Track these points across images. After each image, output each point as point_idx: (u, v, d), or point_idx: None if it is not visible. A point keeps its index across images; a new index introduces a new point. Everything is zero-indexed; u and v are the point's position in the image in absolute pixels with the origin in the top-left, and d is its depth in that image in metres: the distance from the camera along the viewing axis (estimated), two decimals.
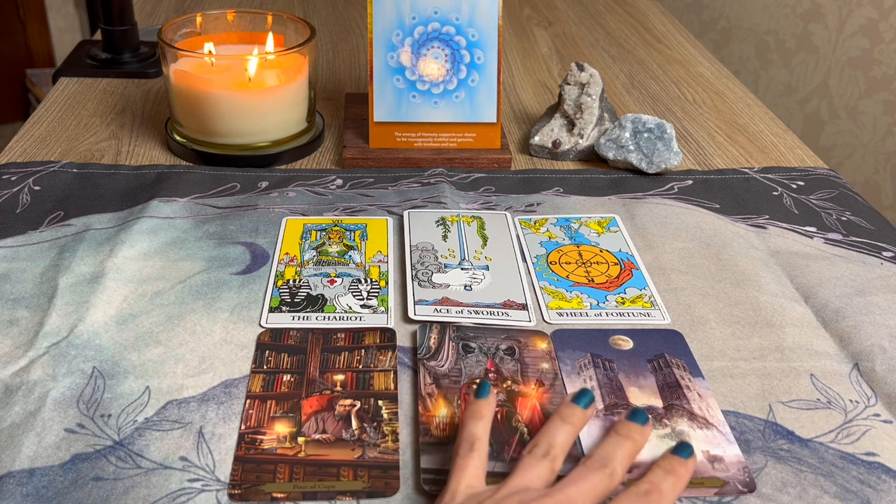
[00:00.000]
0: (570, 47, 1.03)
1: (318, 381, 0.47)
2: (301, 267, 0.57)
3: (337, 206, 0.65)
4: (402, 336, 0.51)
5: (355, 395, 0.46)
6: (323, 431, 0.44)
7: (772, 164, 0.76)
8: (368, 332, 0.51)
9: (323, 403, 0.46)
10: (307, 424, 0.44)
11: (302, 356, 0.49)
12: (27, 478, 0.40)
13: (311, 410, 0.45)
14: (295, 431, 0.44)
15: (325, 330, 0.51)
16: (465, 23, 0.70)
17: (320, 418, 0.45)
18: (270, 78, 0.70)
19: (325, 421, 0.44)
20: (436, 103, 0.71)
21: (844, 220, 0.66)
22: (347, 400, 0.46)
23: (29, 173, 0.67)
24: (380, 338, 0.51)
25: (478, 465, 0.40)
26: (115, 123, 0.77)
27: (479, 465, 0.40)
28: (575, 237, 0.62)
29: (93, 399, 0.45)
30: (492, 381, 0.47)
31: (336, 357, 0.49)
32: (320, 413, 0.45)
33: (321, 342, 0.50)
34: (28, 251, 0.57)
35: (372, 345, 0.50)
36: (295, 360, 0.48)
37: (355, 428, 0.44)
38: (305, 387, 0.47)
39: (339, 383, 0.47)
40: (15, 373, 0.47)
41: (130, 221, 0.61)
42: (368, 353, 0.49)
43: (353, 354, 0.49)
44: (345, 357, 0.49)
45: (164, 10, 1.10)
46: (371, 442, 0.43)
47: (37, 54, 2.24)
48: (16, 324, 0.50)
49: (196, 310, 0.52)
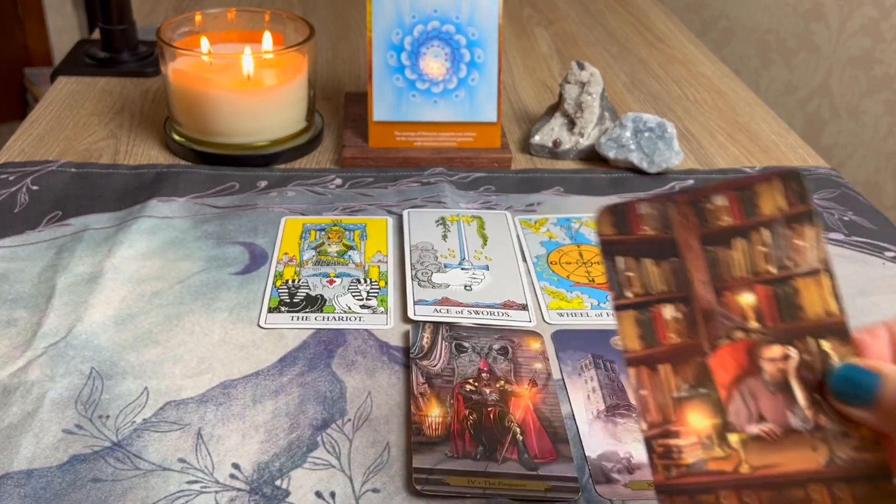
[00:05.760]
0: (571, 46, 1.03)
1: (717, 310, 0.30)
2: (300, 267, 0.57)
3: (336, 206, 0.64)
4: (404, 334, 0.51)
5: (781, 333, 0.29)
6: (760, 418, 0.29)
7: (773, 164, 0.75)
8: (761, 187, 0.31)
9: (741, 360, 0.30)
10: (732, 407, 0.29)
11: (675, 261, 0.31)
12: (25, 479, 0.40)
13: (729, 377, 0.29)
14: (720, 424, 0.29)
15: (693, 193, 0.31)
16: (465, 21, 0.69)
17: (747, 391, 0.29)
18: (269, 77, 0.70)
19: (756, 395, 0.29)
20: (436, 102, 0.71)
21: (846, 220, 0.66)
22: (776, 349, 0.29)
23: (27, 173, 0.67)
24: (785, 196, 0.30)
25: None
26: (113, 123, 0.77)
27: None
28: (575, 237, 0.62)
29: (91, 400, 0.45)
30: (485, 381, 0.47)
31: (728, 253, 0.30)
32: (743, 380, 0.29)
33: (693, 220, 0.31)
34: (26, 251, 0.57)
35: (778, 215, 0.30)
36: (668, 271, 0.31)
37: (804, 405, 0.29)
38: (702, 326, 0.30)
39: (750, 311, 0.30)
40: (13, 373, 0.46)
41: (129, 221, 0.60)
42: (776, 234, 0.30)
43: (752, 239, 0.30)
44: (742, 250, 0.30)
45: (163, 8, 1.09)
46: (834, 430, 0.28)
47: (35, 53, 2.24)
48: (14, 324, 0.50)
49: (195, 310, 0.52)
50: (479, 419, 0.45)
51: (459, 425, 0.44)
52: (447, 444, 0.43)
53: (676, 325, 0.30)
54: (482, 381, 0.47)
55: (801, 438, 0.29)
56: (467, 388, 0.47)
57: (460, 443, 0.43)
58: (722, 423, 0.29)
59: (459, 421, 0.45)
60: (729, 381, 0.30)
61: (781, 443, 0.29)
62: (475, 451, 0.43)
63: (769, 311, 0.30)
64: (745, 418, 0.29)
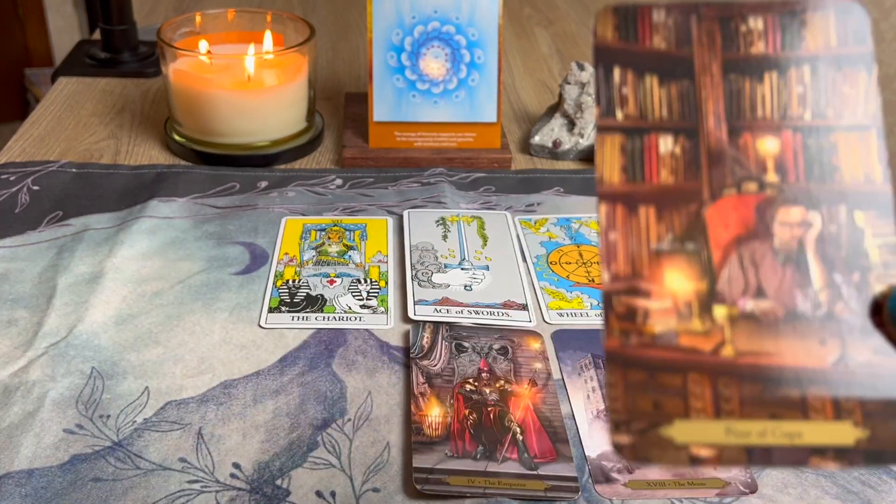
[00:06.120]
0: (571, 46, 1.03)
1: (727, 152, 0.25)
2: (300, 267, 0.57)
3: (336, 206, 0.65)
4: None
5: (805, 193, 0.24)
6: (759, 292, 0.23)
7: None
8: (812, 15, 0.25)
9: (747, 217, 0.24)
10: (726, 273, 0.23)
11: (686, 83, 0.25)
12: (26, 478, 0.40)
13: (729, 236, 0.24)
14: (706, 291, 0.23)
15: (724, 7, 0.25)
16: (465, 22, 0.69)
17: (747, 257, 0.24)
18: (270, 77, 0.70)
19: (759, 263, 0.23)
20: (436, 103, 0.71)
21: None
22: (795, 211, 0.24)
23: (28, 173, 0.67)
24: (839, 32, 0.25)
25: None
26: (114, 123, 0.77)
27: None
28: (575, 237, 0.62)
29: (92, 399, 0.45)
30: (484, 381, 0.47)
31: (755, 87, 0.25)
32: (745, 242, 0.24)
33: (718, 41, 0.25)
34: (27, 251, 0.57)
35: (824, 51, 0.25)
36: (675, 95, 0.25)
37: (819, 286, 0.23)
38: (706, 169, 0.24)
39: (771, 161, 0.24)
40: (14, 373, 0.46)
41: (129, 221, 0.60)
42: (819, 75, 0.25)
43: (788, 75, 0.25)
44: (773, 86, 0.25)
45: (164, 9, 1.09)
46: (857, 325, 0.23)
47: (35, 54, 2.24)
48: (14, 324, 0.50)
49: (195, 310, 0.52)
50: (479, 419, 0.45)
51: (459, 425, 0.44)
52: (447, 443, 0.43)
53: (673, 162, 0.24)
54: (482, 380, 0.47)
55: (808, 327, 0.23)
56: (467, 388, 0.47)
57: (460, 442, 0.43)
58: (708, 291, 0.23)
59: (459, 421, 0.45)
60: (727, 240, 0.24)
61: (781, 327, 0.23)
62: (475, 451, 0.43)
63: (794, 165, 0.24)
64: (740, 289, 0.23)
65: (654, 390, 0.22)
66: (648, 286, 0.23)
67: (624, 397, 0.22)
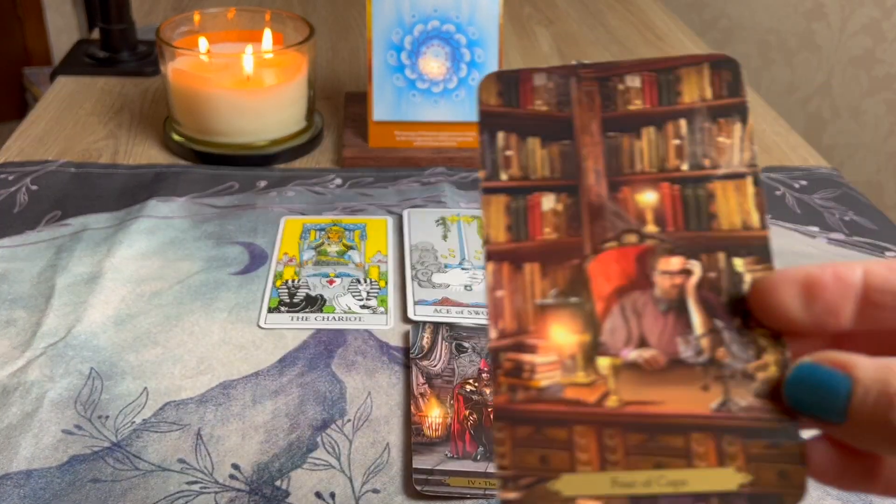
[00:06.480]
0: (572, 46, 1.03)
1: (608, 207, 0.25)
2: (300, 267, 0.57)
3: (336, 206, 0.64)
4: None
5: (684, 242, 0.24)
6: (642, 341, 0.23)
7: (774, 164, 0.75)
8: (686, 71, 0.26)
9: (628, 268, 0.24)
10: (609, 324, 0.24)
11: (567, 143, 0.26)
12: (24, 479, 0.40)
13: (610, 288, 0.24)
14: (590, 343, 0.23)
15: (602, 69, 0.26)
16: (465, 21, 0.69)
17: (629, 307, 0.24)
18: (269, 77, 0.70)
19: (641, 312, 0.23)
20: (436, 102, 0.71)
21: (847, 220, 0.66)
22: (675, 260, 0.24)
23: (26, 173, 0.66)
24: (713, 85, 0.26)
25: None
26: (112, 122, 0.77)
27: None
28: None
29: (90, 400, 0.45)
30: (485, 381, 0.47)
31: (633, 143, 0.25)
32: (627, 294, 0.24)
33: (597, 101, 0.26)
34: (25, 251, 0.57)
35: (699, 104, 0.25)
36: (556, 154, 0.26)
37: (700, 332, 0.23)
38: (587, 224, 0.25)
39: (650, 213, 0.24)
40: (12, 374, 0.46)
41: (128, 221, 0.60)
42: (695, 127, 0.25)
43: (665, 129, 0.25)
44: (650, 141, 0.25)
45: (163, 8, 1.09)
46: (738, 369, 0.23)
47: (34, 53, 2.24)
48: (13, 324, 0.50)
49: (194, 310, 0.52)
50: (479, 420, 0.45)
51: (460, 426, 0.44)
52: (447, 444, 0.43)
53: (555, 219, 0.25)
54: (482, 381, 0.47)
55: (691, 373, 0.23)
56: (467, 389, 0.47)
57: (460, 443, 0.43)
58: (592, 343, 0.23)
59: (459, 421, 0.45)
60: (609, 292, 0.24)
61: (664, 376, 0.23)
62: (475, 452, 0.43)
63: (673, 215, 0.24)
64: (623, 340, 0.23)
65: (541, 444, 0.23)
66: (534, 341, 0.23)
67: (511, 453, 0.23)
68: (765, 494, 0.22)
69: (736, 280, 0.23)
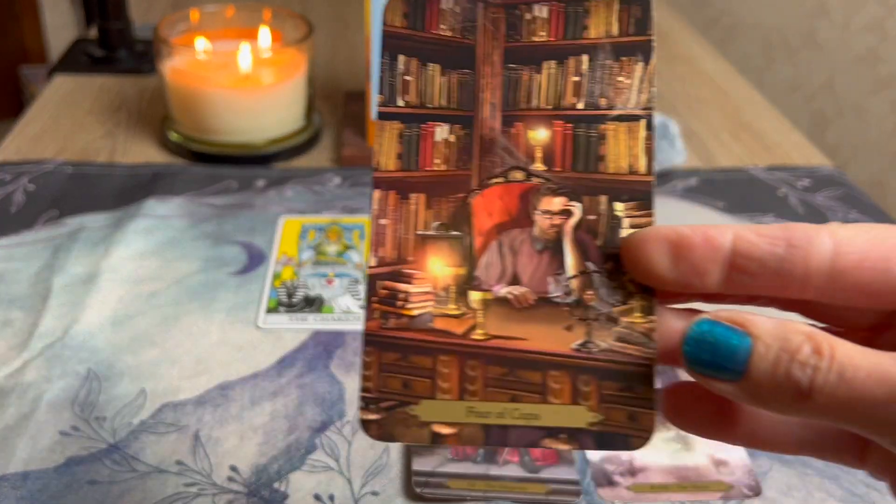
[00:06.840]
0: None
1: (499, 141, 0.25)
2: (299, 267, 0.57)
3: (335, 205, 0.64)
4: None
5: (572, 183, 0.24)
6: (514, 280, 0.24)
7: (777, 163, 0.75)
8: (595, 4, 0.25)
9: (511, 205, 0.24)
10: (485, 259, 0.24)
11: (467, 73, 0.25)
12: (21, 481, 0.40)
13: (491, 223, 0.24)
14: (464, 276, 0.24)
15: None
16: None
17: (507, 245, 0.24)
18: (268, 75, 0.69)
19: (517, 250, 0.24)
20: None
21: (851, 220, 0.66)
22: (557, 200, 0.24)
23: (23, 172, 0.66)
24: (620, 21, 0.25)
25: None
26: (110, 121, 0.77)
27: None
28: None
29: (88, 401, 0.45)
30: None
31: (533, 77, 0.25)
32: (506, 230, 0.24)
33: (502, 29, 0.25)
34: (22, 251, 0.57)
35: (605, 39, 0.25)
36: (455, 84, 0.25)
37: (572, 272, 0.24)
38: (477, 158, 0.25)
39: (540, 151, 0.24)
40: (9, 374, 0.46)
41: (126, 221, 0.60)
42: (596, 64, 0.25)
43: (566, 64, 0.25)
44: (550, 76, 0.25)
45: (161, 6, 1.09)
46: (604, 312, 0.23)
47: (31, 51, 2.23)
48: (10, 325, 0.50)
49: (192, 311, 0.52)
50: None
51: None
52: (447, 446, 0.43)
53: (446, 151, 0.24)
54: None
55: (556, 312, 0.23)
56: None
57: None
58: (466, 276, 0.24)
59: None
60: (489, 227, 0.24)
61: (531, 313, 0.23)
62: (476, 454, 0.42)
63: (562, 155, 0.24)
64: (496, 276, 0.24)
65: (406, 371, 0.23)
66: (411, 270, 0.24)
67: (377, 377, 0.23)
68: (612, 434, 0.22)
69: (614, 224, 0.24)
